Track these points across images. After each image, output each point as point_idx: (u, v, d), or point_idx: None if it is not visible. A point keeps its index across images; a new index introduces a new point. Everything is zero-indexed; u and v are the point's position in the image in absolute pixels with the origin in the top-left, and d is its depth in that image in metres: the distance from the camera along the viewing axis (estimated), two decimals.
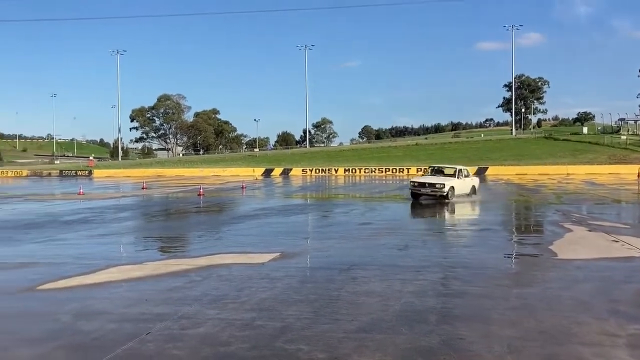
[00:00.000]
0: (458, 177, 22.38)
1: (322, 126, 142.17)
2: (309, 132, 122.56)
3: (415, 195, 22.18)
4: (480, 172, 54.05)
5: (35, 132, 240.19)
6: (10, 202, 25.36)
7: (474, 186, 23.71)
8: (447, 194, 21.01)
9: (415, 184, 22.30)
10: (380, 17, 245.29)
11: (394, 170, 58.69)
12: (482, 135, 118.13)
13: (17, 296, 7.43)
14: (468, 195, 22.85)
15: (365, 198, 26.12)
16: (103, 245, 12.14)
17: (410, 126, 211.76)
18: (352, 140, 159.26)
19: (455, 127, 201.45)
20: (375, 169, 60.10)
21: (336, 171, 60.27)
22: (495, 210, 19.84)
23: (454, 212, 18.67)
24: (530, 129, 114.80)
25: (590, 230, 13.02)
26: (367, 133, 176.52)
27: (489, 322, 6.00)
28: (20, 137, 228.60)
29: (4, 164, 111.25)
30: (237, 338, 5.51)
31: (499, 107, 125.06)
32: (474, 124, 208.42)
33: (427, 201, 21.52)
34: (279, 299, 7.04)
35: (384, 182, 43.18)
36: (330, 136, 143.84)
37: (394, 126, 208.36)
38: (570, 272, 8.56)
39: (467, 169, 24.33)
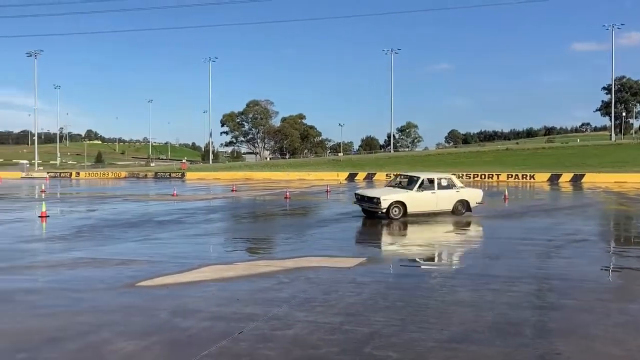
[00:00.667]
0: (419, 189, 17.54)
1: (407, 130, 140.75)
2: (394, 136, 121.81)
3: (365, 212, 18.29)
4: (576, 179, 51.35)
5: (132, 136, 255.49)
6: (111, 202, 27.00)
7: (463, 201, 18.04)
8: (388, 210, 16.94)
9: (358, 196, 18.50)
10: (469, 19, 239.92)
11: (482, 176, 56.94)
12: (578, 140, 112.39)
13: (120, 291, 7.87)
14: (452, 212, 17.89)
15: None
16: (196, 245, 12.65)
17: (499, 130, 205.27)
18: (437, 144, 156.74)
19: (548, 131, 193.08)
20: (463, 175, 58.61)
21: None
22: (593, 219, 18.73)
23: (547, 220, 17.81)
24: (632, 134, 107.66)
25: None
26: (453, 137, 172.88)
27: (588, 338, 5.66)
28: (119, 140, 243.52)
29: (105, 166, 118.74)
30: (326, 341, 5.54)
31: (596, 110, 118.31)
32: (568, 128, 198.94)
33: (528, 213, 20.64)
34: (366, 304, 7.01)
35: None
36: (415, 140, 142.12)
37: (482, 130, 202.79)
38: None
39: (451, 179, 18.60)
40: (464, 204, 18.07)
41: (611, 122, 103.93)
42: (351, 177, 61.60)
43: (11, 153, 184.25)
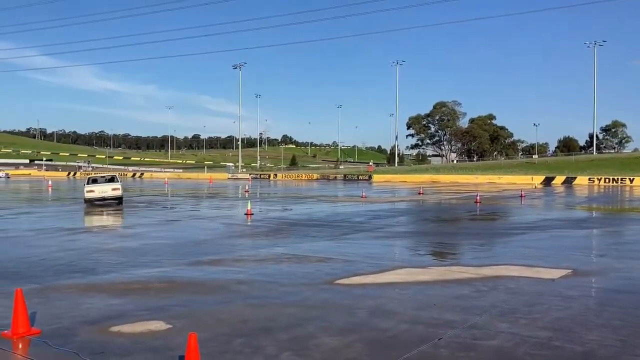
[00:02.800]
0: None
1: (613, 130, 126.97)
2: (596, 136, 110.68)
3: None
4: None
5: (323, 140, 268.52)
6: (306, 202, 28.65)
7: None
8: None
9: None
10: None
11: None
12: None
13: (320, 288, 8.26)
14: None
15: None
16: (387, 247, 12.82)
17: None
18: None
19: None
20: None
21: (631, 181, 53.14)
22: None
23: None
24: None
25: None
26: None
27: None
28: (311, 144, 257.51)
29: (299, 168, 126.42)
30: (533, 357, 5.19)
31: None
32: None
33: None
34: (576, 320, 6.43)
35: None
36: (623, 141, 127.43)
37: None
38: None
39: None
40: None
41: None
42: (547, 181, 57.53)
43: (219, 156, 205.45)
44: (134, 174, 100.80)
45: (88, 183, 26.54)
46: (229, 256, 11.30)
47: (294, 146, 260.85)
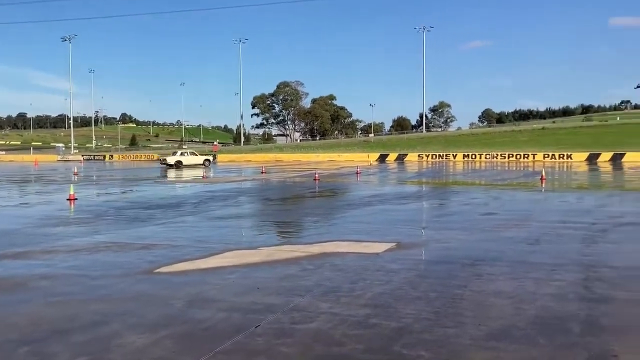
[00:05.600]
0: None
1: (440, 110, 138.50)
2: (426, 116, 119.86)
3: None
4: (616, 159, 49.60)
5: (166, 119, 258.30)
6: (140, 185, 27.00)
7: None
8: None
9: None
10: None
11: (518, 156, 55.48)
12: (618, 118, 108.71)
13: (137, 278, 7.51)
14: None
15: (487, 185, 24.69)
16: (221, 229, 12.30)
17: (535, 109, 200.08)
18: (471, 124, 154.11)
19: (585, 110, 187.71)
20: (497, 155, 57.21)
21: (454, 157, 58.16)
22: (639, 202, 17.79)
23: (588, 202, 16.90)
24: None
25: None
26: (487, 117, 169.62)
27: None
28: (153, 123, 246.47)
29: (139, 149, 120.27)
30: (351, 337, 5.05)
31: (638, 87, 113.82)
32: (607, 106, 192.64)
33: (557, 190, 19.73)
34: (395, 294, 6.50)
35: (506, 168, 40.82)
36: (448, 120, 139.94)
37: (517, 109, 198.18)
38: None
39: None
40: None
41: None
42: (382, 159, 60.81)
43: (49, 137, 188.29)
44: None
45: None
46: (38, 247, 9.97)
47: (135, 125, 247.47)
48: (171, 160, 47.41)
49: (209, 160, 51.01)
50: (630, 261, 8.38)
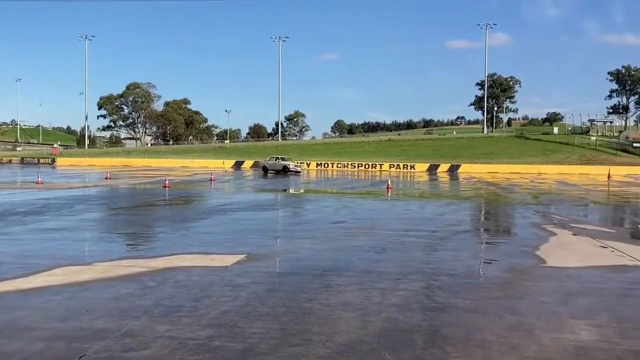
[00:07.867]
0: None
1: (295, 119, 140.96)
2: (282, 125, 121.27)
3: None
4: (452, 170, 53.87)
5: None
6: None
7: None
8: None
9: None
10: (358, 11, 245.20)
11: (367, 166, 58.08)
12: (455, 132, 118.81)
13: None
14: None
15: (338, 194, 25.32)
16: (51, 242, 11.00)
17: (382, 122, 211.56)
18: (324, 134, 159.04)
19: (427, 124, 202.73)
20: (348, 164, 59.41)
21: (308, 165, 59.32)
22: (473, 210, 19.26)
23: (429, 210, 17.95)
24: (502, 128, 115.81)
25: (575, 234, 12.42)
26: (339, 127, 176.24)
27: (485, 346, 5.19)
28: None
29: None
30: None
31: (470, 105, 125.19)
32: (445, 121, 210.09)
33: (402, 198, 20.73)
34: (242, 311, 6.13)
35: (356, 177, 42.43)
36: (303, 130, 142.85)
37: (366, 121, 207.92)
38: (564, 284, 7.83)
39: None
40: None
41: (484, 116, 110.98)
42: (237, 165, 60.25)
43: None
44: None
45: None
46: None
47: None
48: None
49: None
50: (466, 268, 8.84)
